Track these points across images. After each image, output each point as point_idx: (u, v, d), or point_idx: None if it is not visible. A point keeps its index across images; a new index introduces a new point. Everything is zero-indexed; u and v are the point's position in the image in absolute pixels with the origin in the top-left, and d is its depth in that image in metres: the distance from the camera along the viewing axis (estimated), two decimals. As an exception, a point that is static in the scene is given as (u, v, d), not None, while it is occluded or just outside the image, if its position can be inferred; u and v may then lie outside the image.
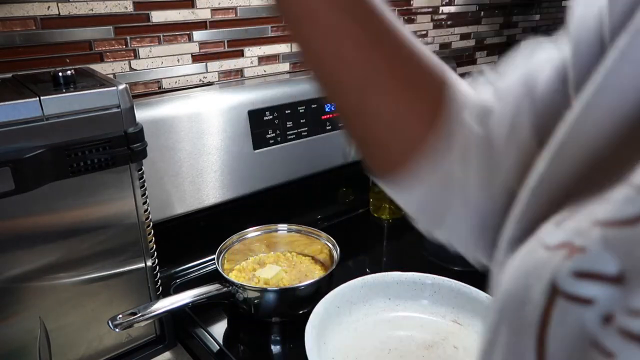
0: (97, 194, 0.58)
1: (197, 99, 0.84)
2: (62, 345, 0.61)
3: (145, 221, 0.63)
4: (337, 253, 0.77)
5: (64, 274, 0.58)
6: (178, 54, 0.89)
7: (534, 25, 1.58)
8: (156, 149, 0.77)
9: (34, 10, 0.73)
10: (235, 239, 0.81)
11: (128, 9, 0.81)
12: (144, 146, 0.60)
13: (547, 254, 0.20)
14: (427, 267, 0.76)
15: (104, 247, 0.61)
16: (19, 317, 0.56)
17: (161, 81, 0.89)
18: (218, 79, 0.95)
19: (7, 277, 0.54)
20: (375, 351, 0.65)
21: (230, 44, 0.95)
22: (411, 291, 0.73)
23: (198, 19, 0.89)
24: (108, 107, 0.56)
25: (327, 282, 0.73)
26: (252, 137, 0.89)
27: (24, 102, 0.51)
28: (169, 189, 0.81)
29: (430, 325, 0.69)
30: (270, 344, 0.71)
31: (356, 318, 0.69)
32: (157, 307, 0.63)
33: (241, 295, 0.70)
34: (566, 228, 0.21)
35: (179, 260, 0.86)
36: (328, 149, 0.99)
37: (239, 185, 0.89)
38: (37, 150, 0.52)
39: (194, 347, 0.71)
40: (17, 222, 0.54)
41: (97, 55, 0.81)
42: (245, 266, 0.81)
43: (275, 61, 1.02)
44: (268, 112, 0.91)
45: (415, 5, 1.22)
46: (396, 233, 1.00)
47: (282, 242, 0.86)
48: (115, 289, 0.63)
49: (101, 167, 0.57)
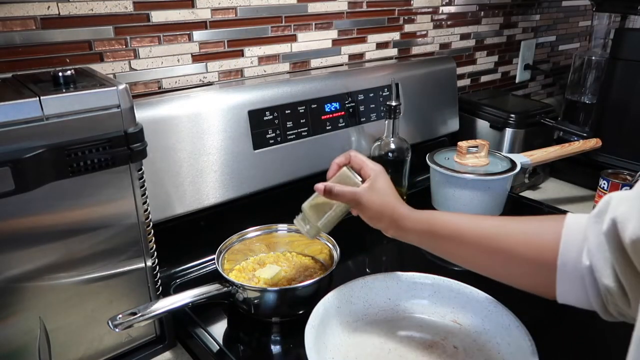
0: (97, 194, 0.58)
1: (197, 99, 0.84)
2: (62, 345, 0.61)
3: (145, 221, 0.63)
4: (337, 253, 0.77)
5: (64, 274, 0.58)
6: (178, 54, 0.89)
7: (534, 25, 1.58)
8: (156, 149, 0.77)
9: (34, 10, 0.73)
10: (235, 239, 0.81)
11: (128, 9, 0.81)
12: (144, 146, 0.60)
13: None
14: (427, 267, 0.76)
15: (104, 247, 0.61)
16: (19, 317, 0.56)
17: (161, 81, 0.89)
18: (218, 79, 0.95)
19: (7, 277, 0.54)
20: (375, 351, 0.65)
21: (230, 44, 0.95)
22: (411, 291, 0.73)
23: (198, 19, 0.89)
24: (108, 107, 0.56)
25: (327, 282, 0.73)
26: (252, 137, 0.89)
27: (24, 102, 0.51)
28: (169, 189, 0.81)
29: (430, 325, 0.69)
30: (270, 344, 0.71)
31: (356, 318, 0.69)
32: (157, 307, 0.63)
33: (241, 295, 0.70)
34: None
35: (179, 260, 0.86)
36: (328, 149, 0.98)
37: (239, 185, 0.89)
38: (37, 150, 0.52)
39: (194, 347, 0.71)
40: (17, 222, 0.54)
41: (97, 55, 0.81)
42: (245, 266, 0.81)
43: (275, 61, 1.02)
44: (268, 112, 0.91)
45: (415, 5, 1.22)
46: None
47: (282, 242, 0.86)
48: (115, 289, 0.63)
49: (101, 167, 0.57)
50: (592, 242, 0.45)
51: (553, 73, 1.74)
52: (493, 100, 1.33)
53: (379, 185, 0.65)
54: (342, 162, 0.69)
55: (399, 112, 0.97)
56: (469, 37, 1.40)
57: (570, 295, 0.48)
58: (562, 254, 0.48)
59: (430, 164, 1.02)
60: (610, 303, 0.45)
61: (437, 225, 0.61)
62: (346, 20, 1.10)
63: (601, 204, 0.46)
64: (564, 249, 0.48)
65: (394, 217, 0.63)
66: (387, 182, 0.66)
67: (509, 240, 0.54)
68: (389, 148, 0.98)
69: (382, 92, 1.08)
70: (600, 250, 0.44)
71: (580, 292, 0.47)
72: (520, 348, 0.60)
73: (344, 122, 1.02)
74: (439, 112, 1.22)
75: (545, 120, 1.22)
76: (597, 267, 0.45)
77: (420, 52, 1.29)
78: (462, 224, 0.59)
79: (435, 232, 0.61)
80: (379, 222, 0.65)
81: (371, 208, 0.64)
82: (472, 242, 0.57)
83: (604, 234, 0.44)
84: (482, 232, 0.57)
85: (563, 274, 0.48)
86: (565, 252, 0.48)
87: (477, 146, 1.02)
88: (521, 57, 1.58)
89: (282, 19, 1.00)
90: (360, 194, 0.64)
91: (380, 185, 0.65)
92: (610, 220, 0.43)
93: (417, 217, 0.63)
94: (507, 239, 0.54)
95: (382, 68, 1.12)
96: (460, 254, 0.60)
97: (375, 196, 0.64)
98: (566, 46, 1.75)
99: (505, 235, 0.54)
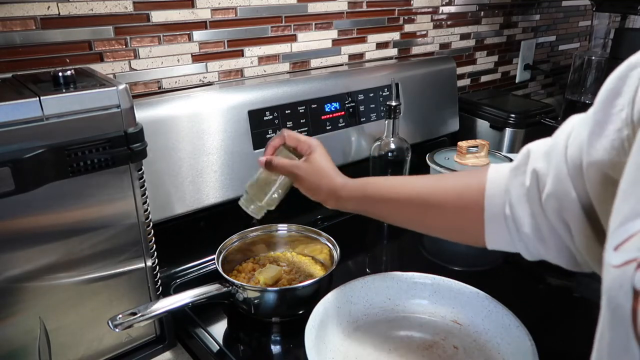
0: (97, 194, 0.58)
1: (197, 99, 0.84)
2: (62, 345, 0.61)
3: (145, 221, 0.63)
4: (337, 253, 0.77)
5: (64, 274, 0.58)
6: (178, 54, 0.89)
7: (534, 25, 1.58)
8: (156, 149, 0.77)
9: (34, 10, 0.73)
10: (235, 239, 0.81)
11: (128, 9, 0.81)
12: (144, 146, 0.60)
13: (618, 271, 0.28)
14: (427, 267, 0.76)
15: (104, 247, 0.61)
16: (19, 317, 0.56)
17: (161, 81, 0.89)
18: (218, 79, 0.95)
19: (7, 277, 0.54)
20: (375, 351, 0.65)
21: (230, 44, 0.95)
22: (411, 291, 0.73)
23: (198, 19, 0.89)
24: (108, 107, 0.56)
25: (327, 282, 0.73)
26: (252, 137, 0.89)
27: (24, 102, 0.51)
28: (169, 189, 0.81)
29: (430, 325, 0.69)
30: (270, 344, 0.71)
31: (356, 318, 0.69)
32: (157, 307, 0.63)
33: (241, 295, 0.70)
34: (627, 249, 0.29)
35: (179, 260, 0.86)
36: (328, 149, 0.98)
37: (239, 185, 0.89)
38: (37, 150, 0.52)
39: (194, 347, 0.71)
40: (17, 222, 0.54)
41: (97, 55, 0.81)
42: (245, 266, 0.80)
43: (275, 61, 1.02)
44: (268, 112, 0.91)
45: (415, 5, 1.22)
46: (396, 233, 1.00)
47: (282, 242, 0.86)
48: (115, 289, 0.63)
49: (101, 167, 0.57)
50: (513, 194, 0.49)
51: (553, 73, 1.74)
52: (493, 100, 1.33)
53: (316, 157, 0.68)
54: (277, 143, 0.72)
55: (399, 112, 0.97)
56: (469, 37, 1.40)
57: (498, 242, 0.53)
58: (487, 207, 0.52)
59: (430, 164, 1.02)
60: (531, 247, 0.50)
61: (371, 190, 0.64)
62: (346, 20, 1.10)
63: (520, 157, 0.50)
64: (488, 202, 0.52)
65: (330, 187, 0.66)
66: (324, 155, 0.69)
67: (438, 197, 0.57)
68: (389, 148, 0.98)
69: (382, 92, 1.08)
70: (520, 202, 0.49)
71: (506, 238, 0.51)
72: (520, 348, 0.60)
73: (344, 122, 1.02)
74: (439, 112, 1.22)
75: (545, 120, 1.22)
76: (518, 217, 0.49)
77: (420, 52, 1.29)
78: (394, 186, 0.62)
79: (370, 197, 0.64)
80: (317, 194, 0.68)
81: (309, 180, 0.67)
82: (405, 202, 0.60)
83: (525, 187, 0.48)
84: (413, 191, 0.60)
85: (490, 225, 0.52)
86: (489, 204, 0.52)
87: (477, 146, 1.02)
88: (521, 57, 1.58)
89: (282, 19, 1.00)
90: (298, 165, 0.68)
91: (316, 158, 0.68)
92: (530, 174, 0.48)
93: (352, 186, 0.66)
94: (437, 195, 0.57)
95: (382, 68, 1.12)
96: (395, 215, 0.63)
97: (312, 168, 0.67)
98: (566, 46, 1.75)
99: (435, 193, 0.58)
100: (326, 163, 0.68)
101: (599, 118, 0.38)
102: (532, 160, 0.48)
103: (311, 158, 0.68)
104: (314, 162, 0.68)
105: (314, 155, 0.68)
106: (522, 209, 0.48)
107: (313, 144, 0.70)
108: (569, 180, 0.43)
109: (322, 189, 0.67)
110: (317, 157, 0.68)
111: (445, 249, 0.94)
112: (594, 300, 0.50)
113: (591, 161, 0.39)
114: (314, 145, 0.70)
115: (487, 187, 0.52)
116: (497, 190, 0.51)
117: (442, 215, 0.57)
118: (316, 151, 0.69)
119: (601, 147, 0.38)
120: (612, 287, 0.29)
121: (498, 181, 0.52)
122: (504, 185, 0.51)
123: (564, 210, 0.44)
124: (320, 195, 0.68)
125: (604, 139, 0.37)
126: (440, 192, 0.57)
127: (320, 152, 0.69)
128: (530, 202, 0.48)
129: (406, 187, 0.61)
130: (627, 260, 0.28)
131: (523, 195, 0.48)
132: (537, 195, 0.47)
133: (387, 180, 0.65)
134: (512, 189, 0.50)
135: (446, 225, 0.59)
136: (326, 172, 0.67)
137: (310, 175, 0.67)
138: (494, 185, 0.52)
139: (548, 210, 0.46)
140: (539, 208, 0.47)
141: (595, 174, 0.39)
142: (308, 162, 0.68)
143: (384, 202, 0.63)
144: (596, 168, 0.39)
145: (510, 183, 0.50)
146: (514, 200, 0.49)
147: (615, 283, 0.28)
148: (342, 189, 0.66)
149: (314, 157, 0.68)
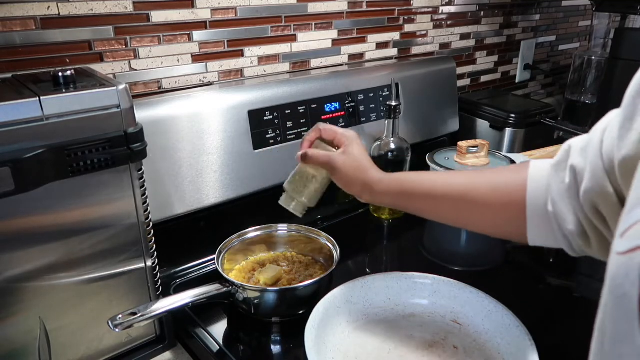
0: (97, 194, 0.58)
1: (197, 99, 0.84)
2: (62, 345, 0.61)
3: (145, 221, 0.63)
4: (337, 253, 0.77)
5: (64, 274, 0.58)
6: (178, 54, 0.89)
7: (534, 25, 1.58)
8: (156, 149, 0.77)
9: (34, 10, 0.73)
10: (235, 239, 0.81)
11: (128, 9, 0.81)
12: (144, 146, 0.60)
13: (624, 258, 0.27)
14: (427, 267, 0.76)
15: (104, 247, 0.61)
16: (19, 317, 0.56)
17: (161, 81, 0.89)
18: (218, 79, 0.95)
19: (7, 277, 0.54)
20: (375, 351, 0.65)
21: (230, 44, 0.95)
22: (411, 291, 0.73)
23: (198, 19, 0.89)
24: (108, 107, 0.56)
25: (327, 282, 0.73)
26: (252, 137, 0.89)
27: (24, 102, 0.51)
28: (169, 189, 0.81)
29: (430, 325, 0.69)
30: (270, 344, 0.71)
31: (356, 318, 0.69)
32: (157, 307, 0.63)
33: (241, 295, 0.70)
34: (632, 236, 0.28)
35: (179, 260, 0.86)
36: (328, 149, 0.99)
37: (239, 185, 0.89)
38: (37, 150, 0.52)
39: (194, 347, 0.71)
40: (17, 222, 0.54)
41: (97, 55, 0.81)
42: (245, 266, 0.81)
43: (275, 61, 1.02)
44: (268, 112, 0.91)
45: (415, 5, 1.22)
46: (396, 233, 1.00)
47: (282, 242, 0.86)
48: (115, 289, 0.63)
49: (101, 167, 0.57)
50: (554, 191, 0.49)
51: (553, 73, 1.74)
52: (493, 100, 1.33)
53: (352, 150, 0.68)
54: (312, 137, 0.72)
55: (399, 112, 0.97)
56: (469, 37, 1.40)
57: (540, 239, 0.52)
58: (529, 205, 0.51)
59: (430, 164, 1.02)
60: (574, 243, 0.49)
61: (408, 186, 0.64)
62: (346, 20, 1.10)
63: (561, 153, 0.50)
64: (530, 200, 0.51)
65: (366, 181, 0.66)
66: (361, 148, 0.69)
67: (478, 194, 0.57)
68: (388, 148, 0.98)
69: (382, 92, 1.08)
70: (562, 199, 0.48)
71: (549, 235, 0.51)
72: (520, 348, 0.60)
73: (344, 122, 1.02)
74: (439, 112, 1.22)
75: (545, 120, 1.22)
76: (560, 214, 0.49)
77: (420, 52, 1.29)
78: (432, 182, 0.62)
79: (407, 192, 0.64)
80: (353, 187, 0.67)
81: (345, 172, 0.67)
82: (443, 198, 0.60)
83: (566, 184, 0.48)
84: (451, 187, 0.60)
85: (532, 222, 0.52)
86: (532, 202, 0.51)
87: (477, 146, 1.02)
88: (521, 57, 1.58)
89: (282, 19, 1.00)
90: (334, 157, 0.67)
91: (353, 150, 0.68)
92: (570, 170, 0.47)
93: (389, 180, 0.65)
94: (477, 192, 0.57)
95: (382, 68, 1.12)
96: (433, 211, 0.63)
97: (349, 160, 0.67)
98: (566, 46, 1.75)
99: (474, 190, 0.57)
100: (362, 156, 0.68)
101: (628, 113, 0.38)
102: (572, 156, 0.48)
103: (348, 150, 0.67)
104: (350, 155, 0.67)
105: (351, 148, 0.68)
106: (564, 205, 0.48)
107: (350, 136, 0.69)
108: (605, 176, 0.42)
109: (357, 182, 0.66)
110: (354, 149, 0.67)
111: (445, 249, 0.94)
112: (594, 300, 0.49)
113: (622, 155, 0.38)
114: (350, 137, 0.69)
115: (529, 184, 0.52)
116: (539, 187, 0.51)
117: (482, 212, 0.57)
118: (353, 143, 0.68)
119: (630, 141, 0.37)
120: (617, 275, 0.28)
121: (539, 178, 0.51)
122: (546, 181, 0.51)
123: (601, 205, 0.43)
124: (355, 188, 0.67)
125: (633, 132, 0.37)
126: (480, 189, 0.57)
127: (357, 145, 0.68)
128: (571, 199, 0.47)
129: (444, 184, 0.61)
130: (633, 247, 0.27)
131: (565, 191, 0.48)
132: (575, 191, 0.47)
133: (424, 175, 0.65)
134: (553, 185, 0.49)
135: (486, 222, 0.58)
136: (362, 165, 0.67)
137: (346, 167, 0.66)
138: (535, 182, 0.51)
139: (586, 206, 0.45)
140: (578, 204, 0.47)
141: (626, 168, 0.38)
142: (344, 154, 0.67)
143: (421, 198, 0.62)
144: (627, 162, 0.38)
145: (552, 179, 0.50)
146: (555, 197, 0.49)
147: (621, 271, 0.27)
148: (378, 184, 0.65)
149: (351, 149, 0.67)
